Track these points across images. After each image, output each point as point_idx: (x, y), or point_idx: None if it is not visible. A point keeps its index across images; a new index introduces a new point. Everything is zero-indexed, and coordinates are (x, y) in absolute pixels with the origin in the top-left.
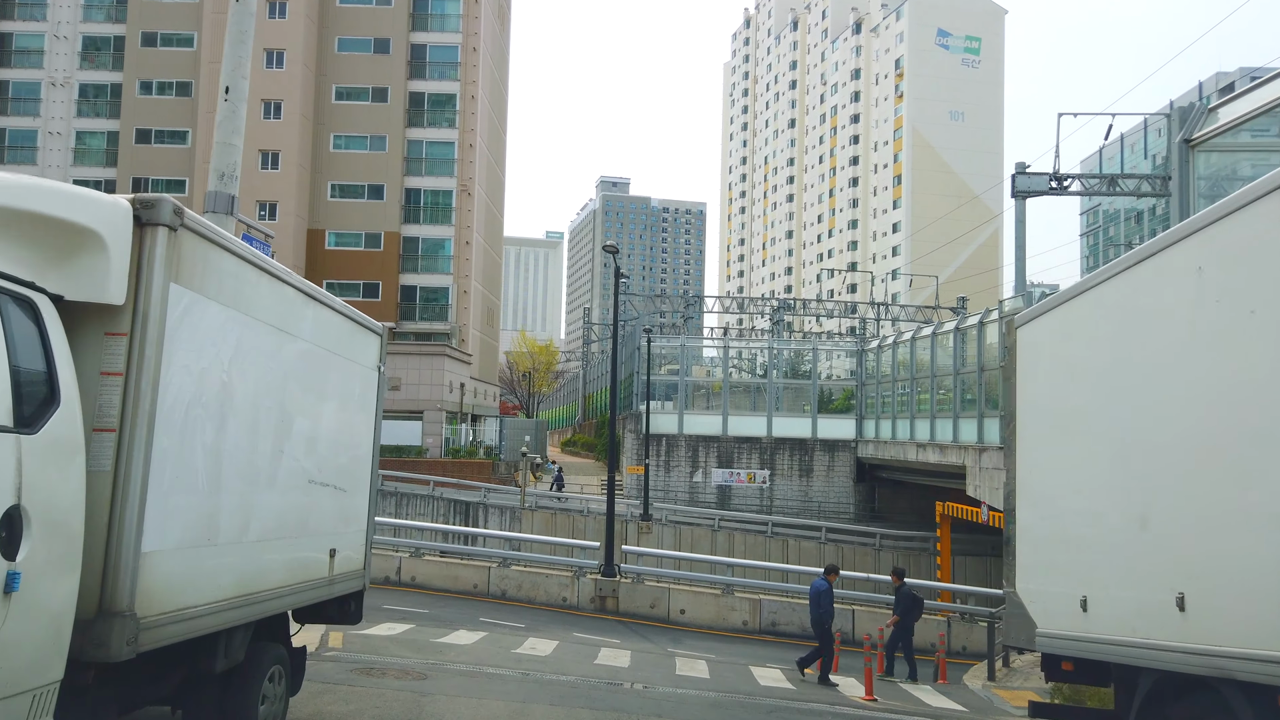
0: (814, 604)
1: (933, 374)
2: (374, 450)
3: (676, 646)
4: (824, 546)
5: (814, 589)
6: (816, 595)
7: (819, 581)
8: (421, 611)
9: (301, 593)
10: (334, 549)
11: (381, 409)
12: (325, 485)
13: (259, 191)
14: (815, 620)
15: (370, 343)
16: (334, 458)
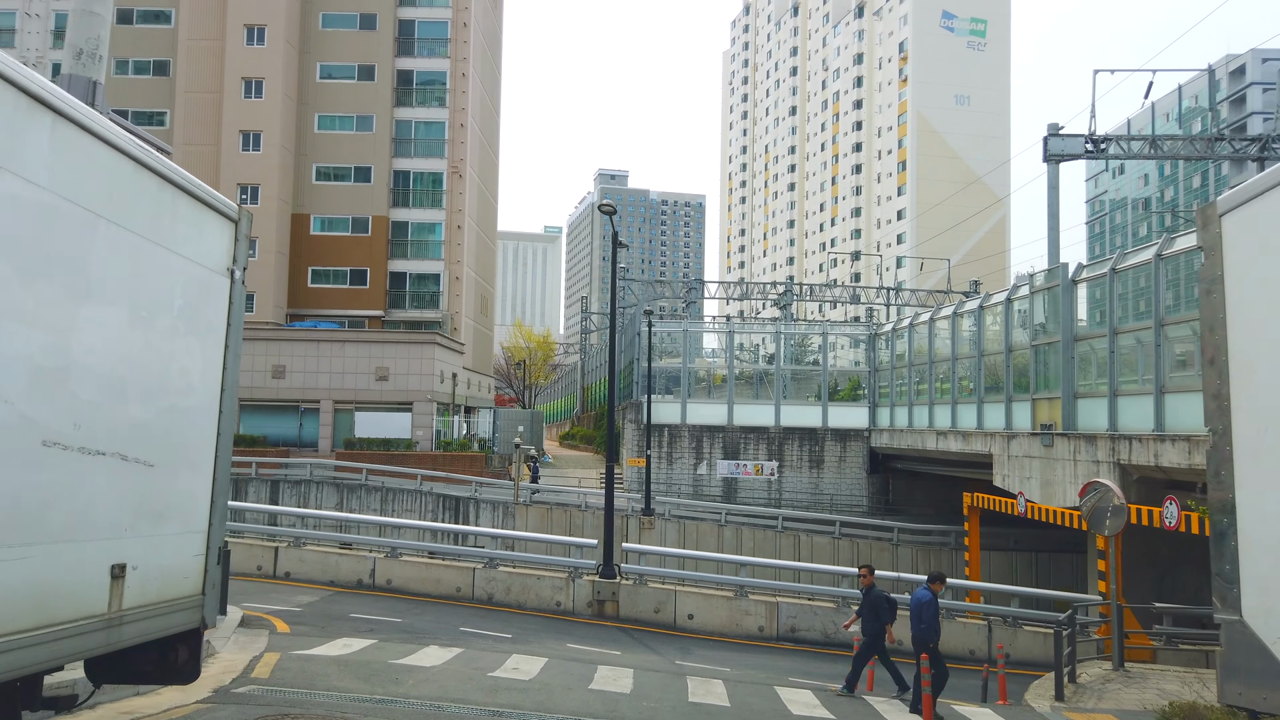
0: (915, 619)
1: (953, 356)
2: (224, 402)
3: (685, 658)
4: (838, 542)
5: (915, 601)
6: (918, 608)
7: (921, 592)
8: (392, 621)
9: (31, 647)
10: (124, 563)
11: (239, 340)
12: (96, 454)
13: (240, 173)
14: (917, 639)
15: (212, 229)
16: (119, 407)
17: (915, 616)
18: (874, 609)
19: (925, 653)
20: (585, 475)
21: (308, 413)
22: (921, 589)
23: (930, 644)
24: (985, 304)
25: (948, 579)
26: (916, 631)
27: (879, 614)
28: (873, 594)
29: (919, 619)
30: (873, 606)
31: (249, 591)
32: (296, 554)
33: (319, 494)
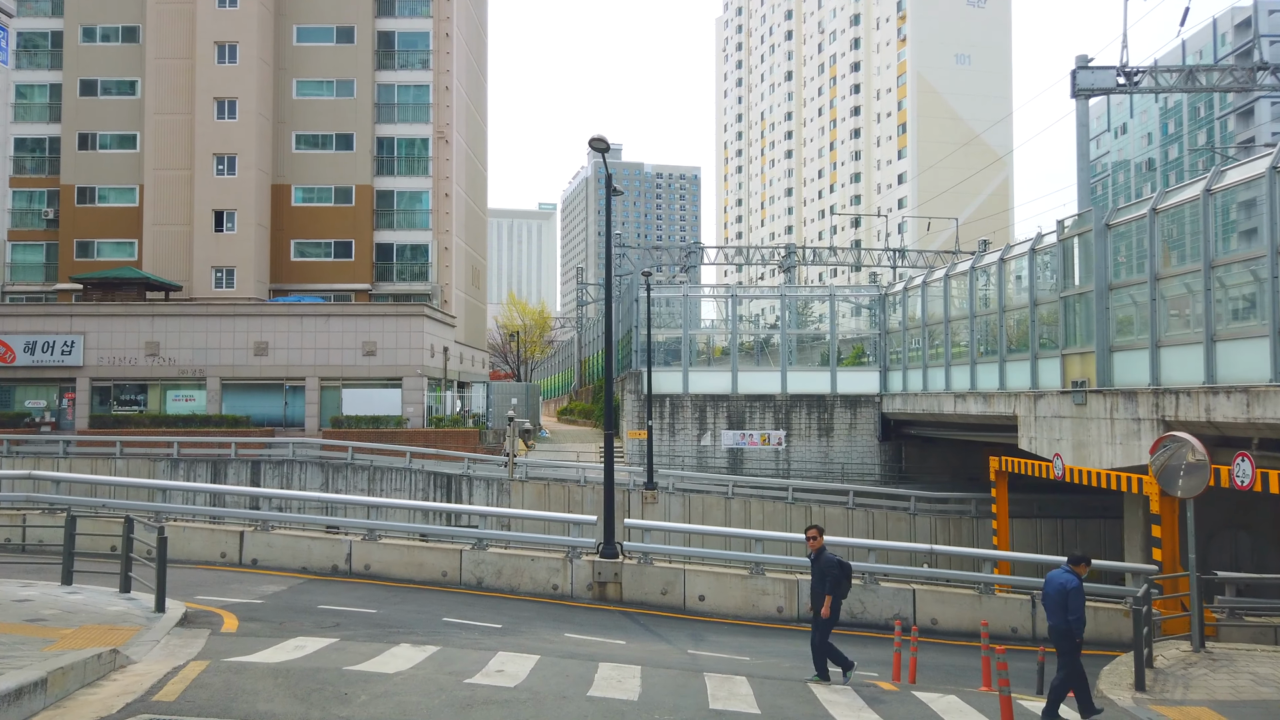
0: (1056, 607)
1: (971, 314)
2: None
3: (699, 646)
4: (852, 513)
5: (1057, 586)
6: (1062, 595)
7: (1063, 575)
8: (364, 613)
9: None
10: None
11: None
12: None
13: (215, 143)
14: (1060, 632)
15: None
16: None
17: (1058, 605)
18: (823, 577)
19: (1066, 647)
20: (584, 449)
21: (293, 391)
22: (1062, 572)
23: (1078, 638)
24: (1006, 256)
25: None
26: (1061, 623)
27: (830, 582)
28: (823, 559)
29: (1064, 608)
30: (822, 575)
31: (207, 582)
32: (264, 539)
33: (303, 474)
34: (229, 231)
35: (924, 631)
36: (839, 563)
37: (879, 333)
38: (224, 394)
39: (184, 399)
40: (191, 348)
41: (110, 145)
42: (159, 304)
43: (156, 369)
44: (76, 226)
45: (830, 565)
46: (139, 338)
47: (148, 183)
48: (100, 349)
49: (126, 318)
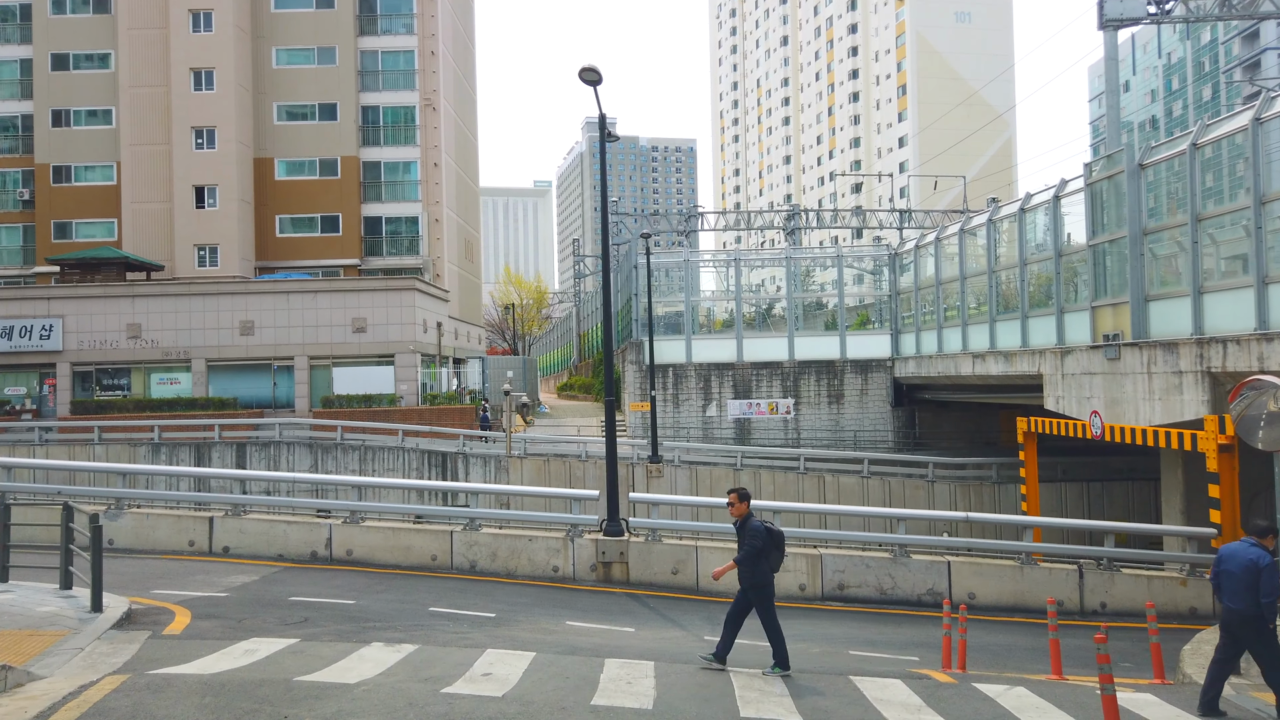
0: (1242, 588)
1: (990, 269)
2: None
3: (717, 633)
4: (867, 481)
5: (1244, 563)
6: (1252, 573)
7: (1249, 550)
8: (340, 604)
9: None
10: None
11: None
12: None
13: (193, 115)
14: (1244, 617)
15: None
16: None
17: (1246, 585)
18: (753, 554)
19: (1249, 634)
20: (585, 424)
21: (281, 371)
22: (1245, 545)
23: (1272, 622)
24: (1027, 205)
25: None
26: (1250, 606)
27: (750, 552)
28: (748, 527)
29: (1253, 589)
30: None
31: (170, 574)
32: (235, 524)
33: (290, 456)
34: (210, 208)
35: None
36: (766, 530)
37: (890, 294)
38: (210, 376)
39: (169, 382)
40: (175, 329)
41: (85, 121)
42: (139, 284)
43: (139, 352)
44: (53, 207)
45: (756, 534)
46: (120, 320)
47: (125, 159)
48: (80, 332)
49: (106, 299)
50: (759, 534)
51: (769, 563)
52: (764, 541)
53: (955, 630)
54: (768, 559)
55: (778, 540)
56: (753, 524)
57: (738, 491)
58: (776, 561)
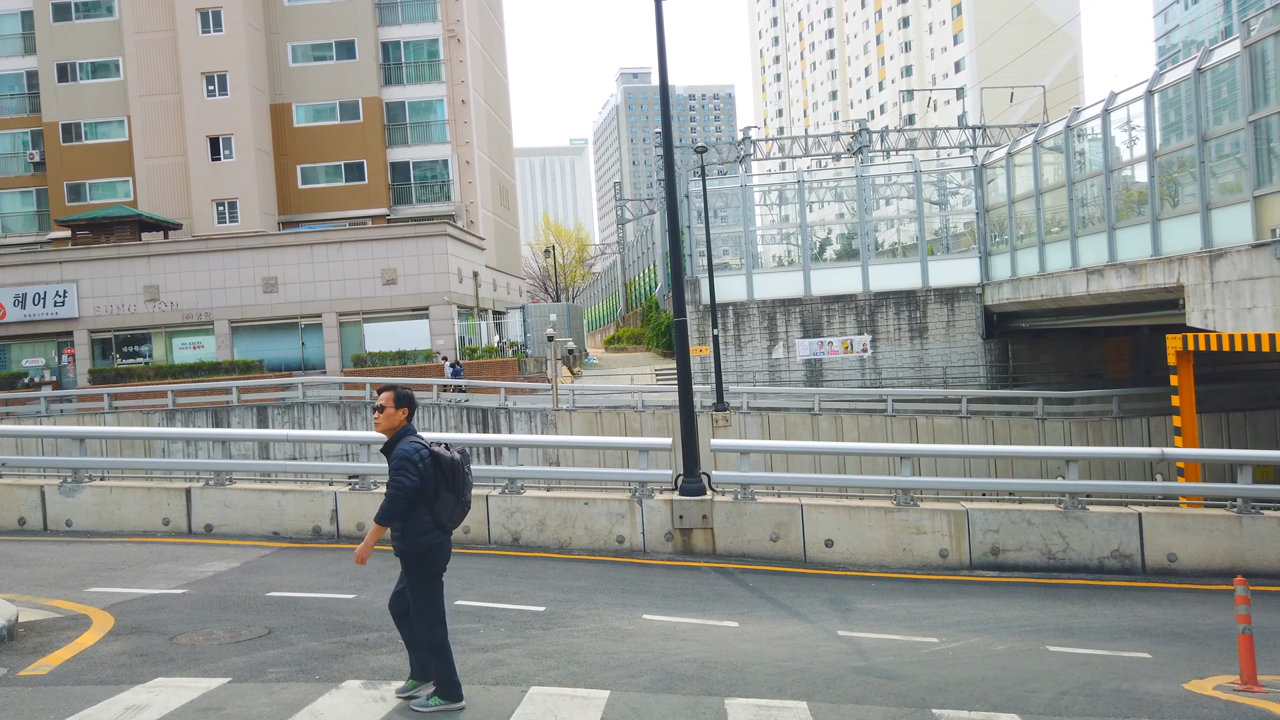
0: None
1: (1106, 169)
2: None
3: (851, 622)
4: (966, 422)
5: None
6: None
7: None
8: (332, 601)
9: None
10: None
11: None
12: None
13: (203, 60)
14: None
15: None
16: None
17: None
18: (398, 492)
19: None
20: (638, 373)
21: (309, 330)
22: None
23: None
24: (1155, 86)
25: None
26: None
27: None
28: (398, 451)
29: None
30: (396, 488)
31: (129, 563)
32: (219, 496)
33: (316, 418)
34: (227, 159)
35: (1159, 573)
36: (432, 456)
37: (977, 211)
38: (234, 338)
39: (191, 346)
40: (195, 289)
41: (91, 75)
42: (155, 244)
43: (159, 315)
44: (65, 168)
45: (406, 462)
46: (136, 282)
47: (135, 112)
48: (96, 297)
49: (120, 260)
50: (410, 463)
51: (438, 512)
52: (419, 475)
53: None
54: (432, 506)
55: (451, 473)
56: (403, 447)
57: (389, 390)
58: (453, 511)
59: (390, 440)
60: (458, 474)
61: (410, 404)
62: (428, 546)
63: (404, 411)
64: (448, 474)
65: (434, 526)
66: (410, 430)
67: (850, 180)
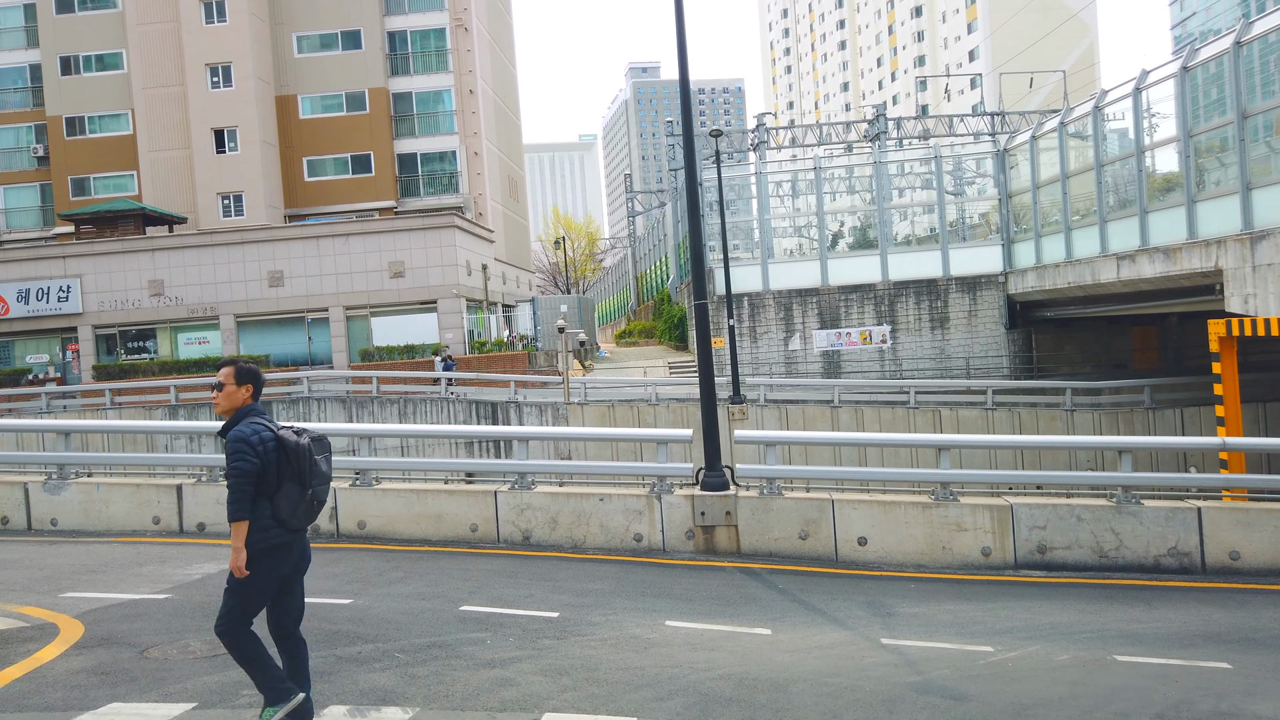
0: None
1: (1137, 150)
2: None
3: (894, 628)
4: (992, 414)
5: None
6: None
7: None
8: (329, 608)
9: None
10: None
11: None
12: None
13: (206, 51)
14: None
15: None
16: None
17: None
18: (239, 478)
19: None
20: (651, 365)
21: (316, 324)
22: None
23: None
24: (1190, 63)
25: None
26: None
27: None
28: (231, 436)
29: None
30: (236, 474)
31: (114, 565)
32: (211, 493)
33: (322, 412)
34: (232, 152)
35: (1221, 572)
36: (277, 440)
37: (1000, 198)
38: (240, 333)
39: (197, 341)
40: (199, 283)
41: (95, 67)
42: (158, 238)
43: (163, 310)
44: (69, 162)
45: (244, 447)
46: (140, 276)
47: (139, 105)
48: (100, 292)
49: (124, 255)
50: (247, 445)
51: (280, 506)
52: (259, 458)
53: None
54: (273, 498)
55: (297, 460)
56: (239, 429)
57: (231, 366)
58: (299, 505)
59: (228, 422)
60: (303, 461)
61: (254, 380)
62: (267, 546)
63: (247, 389)
64: (293, 461)
65: (275, 523)
66: (254, 411)
67: (868, 167)
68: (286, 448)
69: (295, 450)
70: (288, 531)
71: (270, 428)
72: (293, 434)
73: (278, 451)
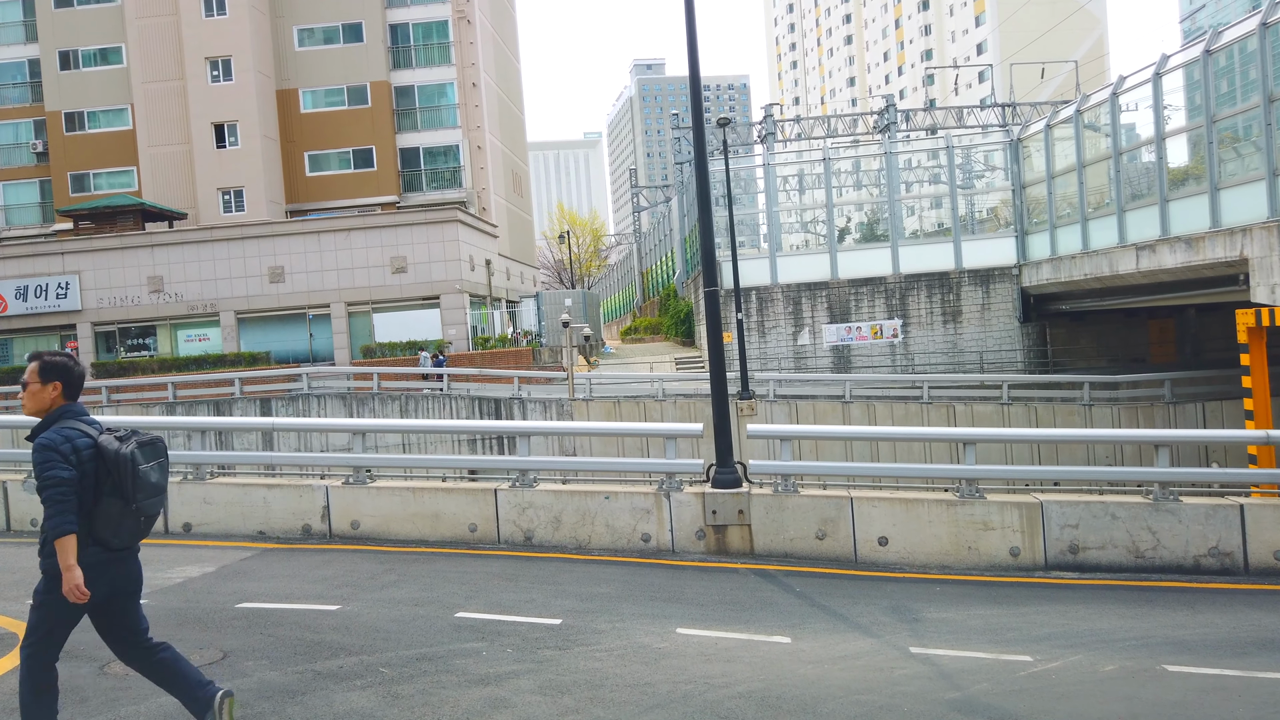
0: None
1: (1157, 137)
2: None
3: (922, 634)
4: (1008, 408)
5: None
6: None
7: None
8: (314, 614)
9: None
10: None
11: None
12: None
13: (206, 44)
14: None
15: None
16: None
17: None
18: (52, 489)
19: None
20: (657, 361)
21: (317, 320)
22: None
23: None
24: (1213, 46)
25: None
26: None
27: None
28: (37, 444)
29: None
30: (48, 488)
31: None
32: (198, 492)
33: (322, 409)
34: (232, 147)
35: (1265, 573)
36: (95, 448)
37: (1013, 188)
38: (241, 330)
39: (197, 339)
40: (199, 280)
41: (94, 62)
42: (158, 233)
43: (163, 307)
44: (68, 158)
45: (48, 449)
46: (139, 273)
47: (138, 100)
48: (99, 289)
49: (123, 251)
50: (55, 452)
51: (98, 524)
52: (73, 467)
53: None
54: (91, 513)
55: (117, 470)
56: (47, 435)
57: (39, 359)
58: (121, 523)
59: (36, 426)
60: (125, 472)
61: (64, 376)
62: (82, 565)
63: (55, 387)
64: (113, 471)
65: (90, 540)
66: (69, 412)
67: (878, 158)
68: (106, 456)
69: (115, 459)
70: (107, 550)
71: (89, 432)
72: (115, 440)
73: (95, 460)
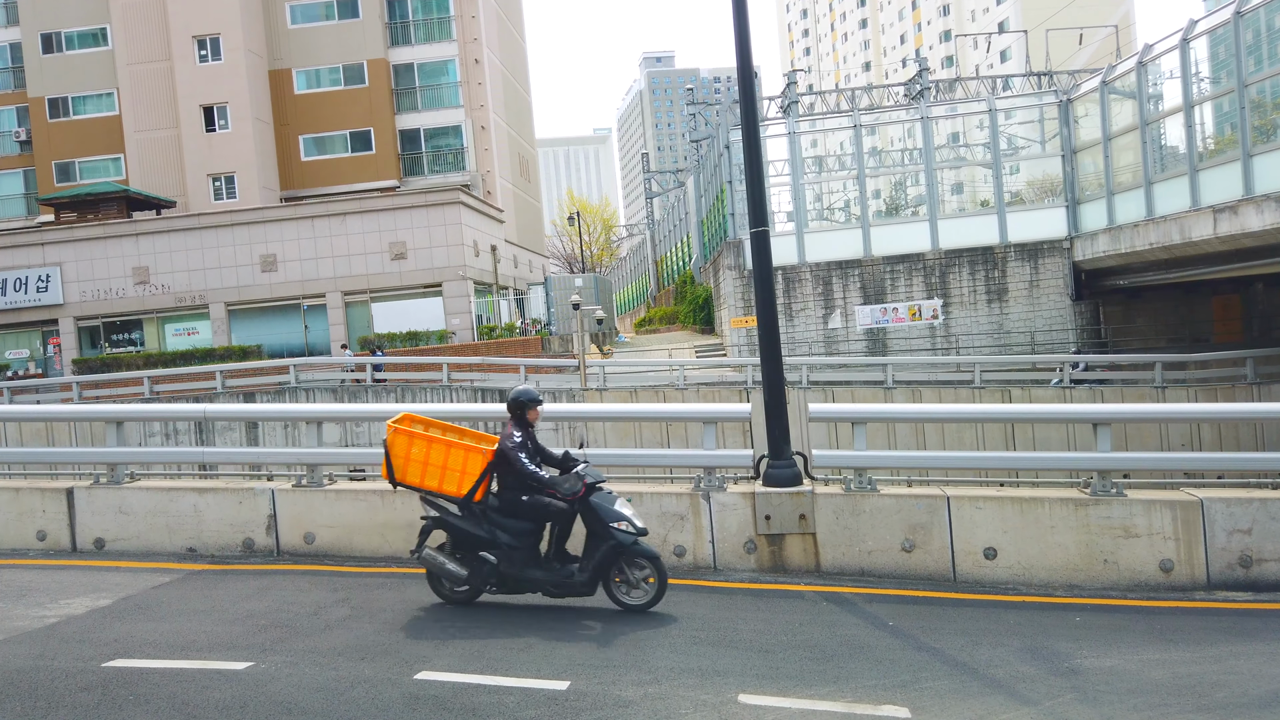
0: None
1: (1240, 84)
2: None
3: (1098, 702)
4: (1069, 392)
5: None
6: None
7: None
8: (218, 673)
9: None
10: None
11: None
12: None
13: (193, 23)
14: None
15: None
16: None
17: None
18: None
19: None
20: (676, 348)
21: (313, 311)
22: None
23: None
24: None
25: None
26: None
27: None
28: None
29: None
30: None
31: None
32: (112, 499)
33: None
34: (223, 130)
35: None
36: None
37: (1064, 153)
38: (232, 322)
39: (186, 332)
40: (187, 270)
41: (78, 44)
42: (143, 222)
43: (149, 299)
44: (53, 145)
45: None
46: (124, 263)
47: (124, 83)
48: (82, 281)
49: (106, 240)
50: None
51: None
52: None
53: None
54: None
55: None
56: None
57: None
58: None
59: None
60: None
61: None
62: None
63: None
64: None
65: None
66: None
67: (914, 124)
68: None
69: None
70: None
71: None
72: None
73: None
